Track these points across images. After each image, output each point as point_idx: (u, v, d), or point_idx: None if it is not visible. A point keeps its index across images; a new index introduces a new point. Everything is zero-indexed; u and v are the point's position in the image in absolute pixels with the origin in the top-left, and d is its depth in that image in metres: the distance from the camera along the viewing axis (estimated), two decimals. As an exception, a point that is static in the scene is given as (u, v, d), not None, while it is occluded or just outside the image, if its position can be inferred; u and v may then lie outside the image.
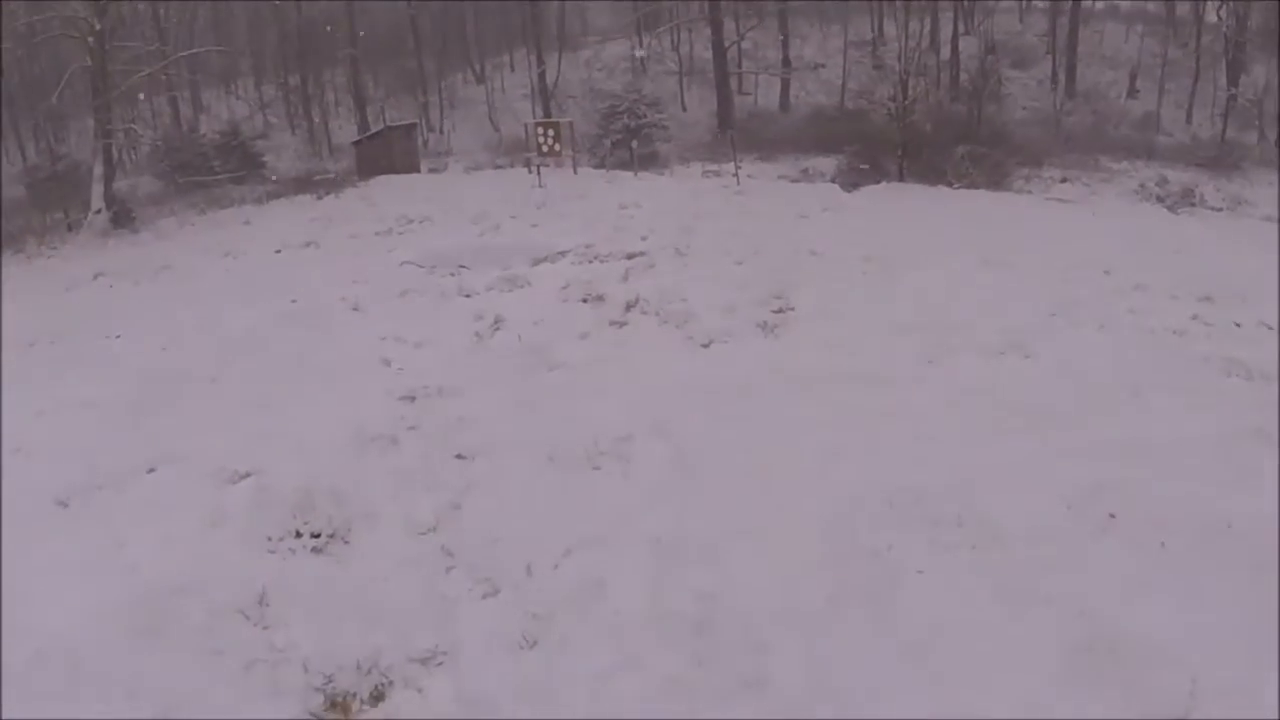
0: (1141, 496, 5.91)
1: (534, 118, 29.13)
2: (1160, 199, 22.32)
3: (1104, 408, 7.47)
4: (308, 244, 16.60)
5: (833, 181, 23.07)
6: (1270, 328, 9.76)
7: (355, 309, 11.41)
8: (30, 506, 6.76)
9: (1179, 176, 25.23)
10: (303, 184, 25.61)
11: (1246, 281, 11.82)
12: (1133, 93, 36.12)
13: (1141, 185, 24.34)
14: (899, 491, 6.08)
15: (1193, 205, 21.59)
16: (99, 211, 22.64)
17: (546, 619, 5.13)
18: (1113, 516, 5.75)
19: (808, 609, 5.05)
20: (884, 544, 5.56)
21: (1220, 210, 22.42)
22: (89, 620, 5.30)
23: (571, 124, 26.07)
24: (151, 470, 7.27)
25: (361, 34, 38.58)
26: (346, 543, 6.09)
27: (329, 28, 38.88)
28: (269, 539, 6.12)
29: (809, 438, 7.01)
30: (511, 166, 27.10)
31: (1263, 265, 13.29)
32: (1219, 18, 35.46)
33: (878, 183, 21.98)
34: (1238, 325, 9.90)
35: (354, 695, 4.66)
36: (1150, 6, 39.92)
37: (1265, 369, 8.31)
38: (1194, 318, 10.00)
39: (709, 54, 36.05)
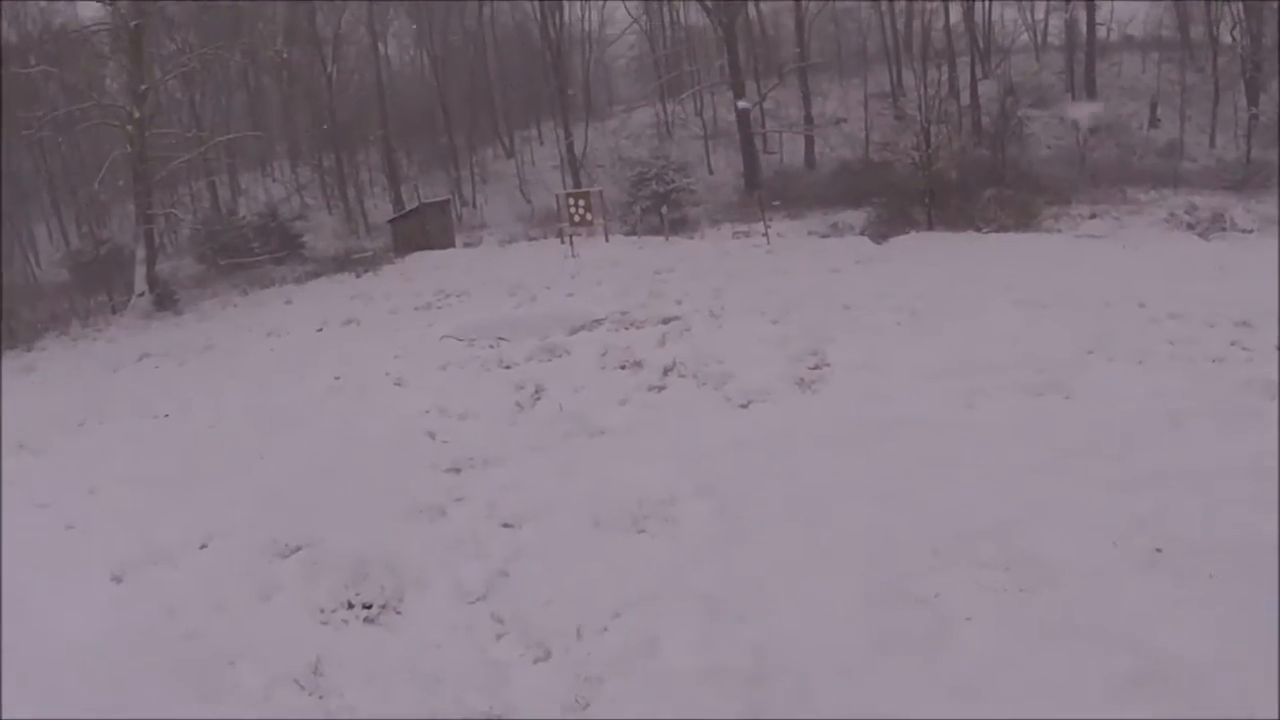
0: (1187, 527, 5.94)
1: (564, 188, 29.42)
2: (1190, 226, 22.12)
3: (1145, 441, 7.46)
4: (348, 321, 16.87)
5: (862, 234, 23.16)
6: None
7: (398, 383, 11.59)
8: (85, 581, 6.95)
9: (1207, 201, 24.97)
10: (341, 263, 26.03)
11: None
12: (1154, 122, 35.88)
13: (1171, 214, 24.11)
14: (944, 537, 6.13)
15: (1224, 230, 21.35)
16: (142, 294, 23.22)
17: (598, 681, 5.20)
18: (1159, 551, 5.77)
19: (857, 658, 5.10)
20: (931, 592, 5.60)
21: (1252, 232, 22.11)
22: (146, 694, 5.46)
23: (601, 193, 26.42)
24: (204, 546, 7.43)
25: (392, 114, 39.30)
26: (398, 612, 6.21)
27: (361, 108, 39.70)
28: (321, 610, 6.26)
29: (851, 489, 7.07)
30: (545, 238, 27.39)
31: None
32: (1233, 38, 35.30)
33: (906, 233, 21.98)
34: (1279, 348, 9.88)
35: (410, 761, 4.73)
36: (1165, 34, 39.84)
37: None
38: (1232, 344, 9.95)
39: (733, 116, 36.39)
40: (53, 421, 11.94)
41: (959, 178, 23.76)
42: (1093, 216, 24.70)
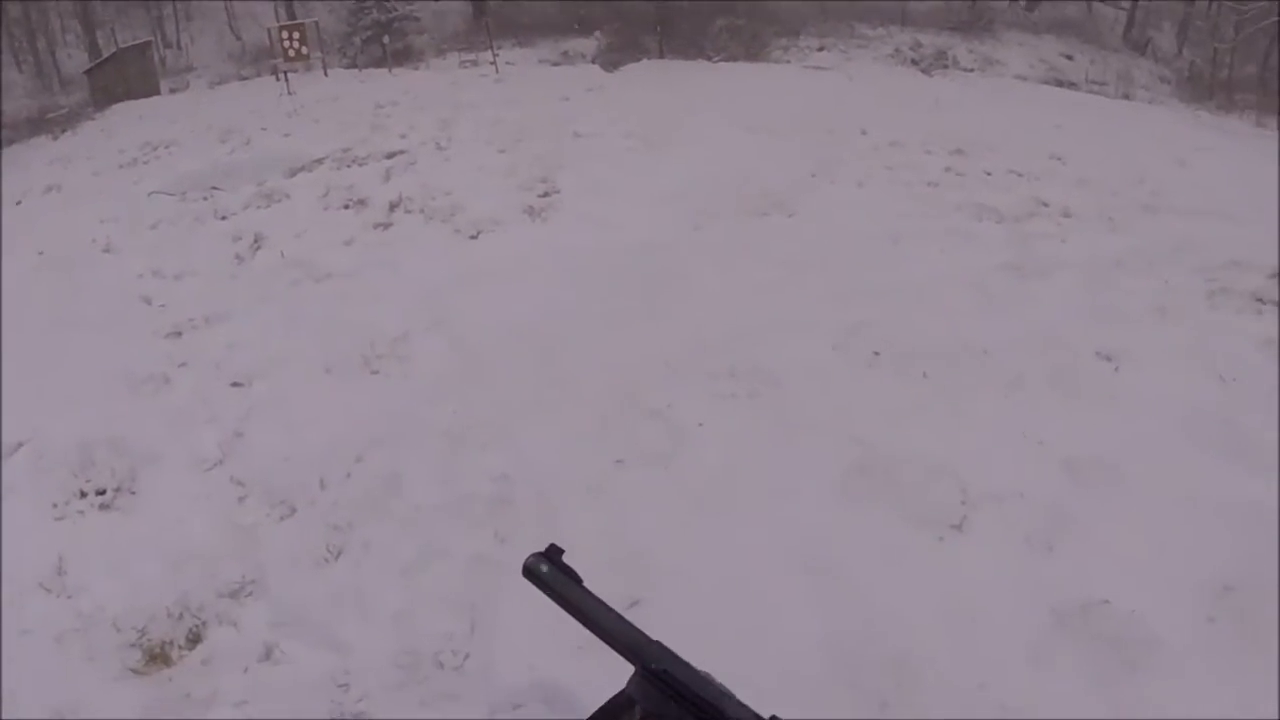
0: (903, 332, 6.43)
1: (276, 21, 27.70)
2: (915, 62, 23.05)
3: (864, 257, 7.97)
4: (49, 189, 15.53)
5: (593, 63, 22.96)
6: (1020, 175, 10.45)
7: (107, 250, 10.83)
8: None
9: (933, 40, 26.20)
10: (36, 124, 23.87)
11: (997, 135, 12.70)
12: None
13: (896, 50, 25.04)
14: (674, 353, 6.39)
15: (946, 67, 22.38)
16: None
17: (347, 528, 5.20)
18: (877, 354, 6.20)
19: (598, 475, 5.29)
20: (664, 403, 5.84)
21: (972, 71, 23.37)
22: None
23: (318, 24, 24.97)
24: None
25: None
26: (134, 493, 5.95)
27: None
28: (54, 505, 5.94)
29: (584, 313, 7.22)
30: (258, 76, 25.89)
31: (1012, 120, 14.18)
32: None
33: (638, 61, 22.00)
34: (988, 174, 10.59)
35: (171, 643, 4.62)
36: None
37: (1015, 212, 8.97)
38: (947, 169, 10.62)
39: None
40: None
41: (691, 6, 23.71)
42: (821, 49, 25.29)
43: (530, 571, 1.26)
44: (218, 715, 4.15)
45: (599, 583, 4.17)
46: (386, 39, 25.91)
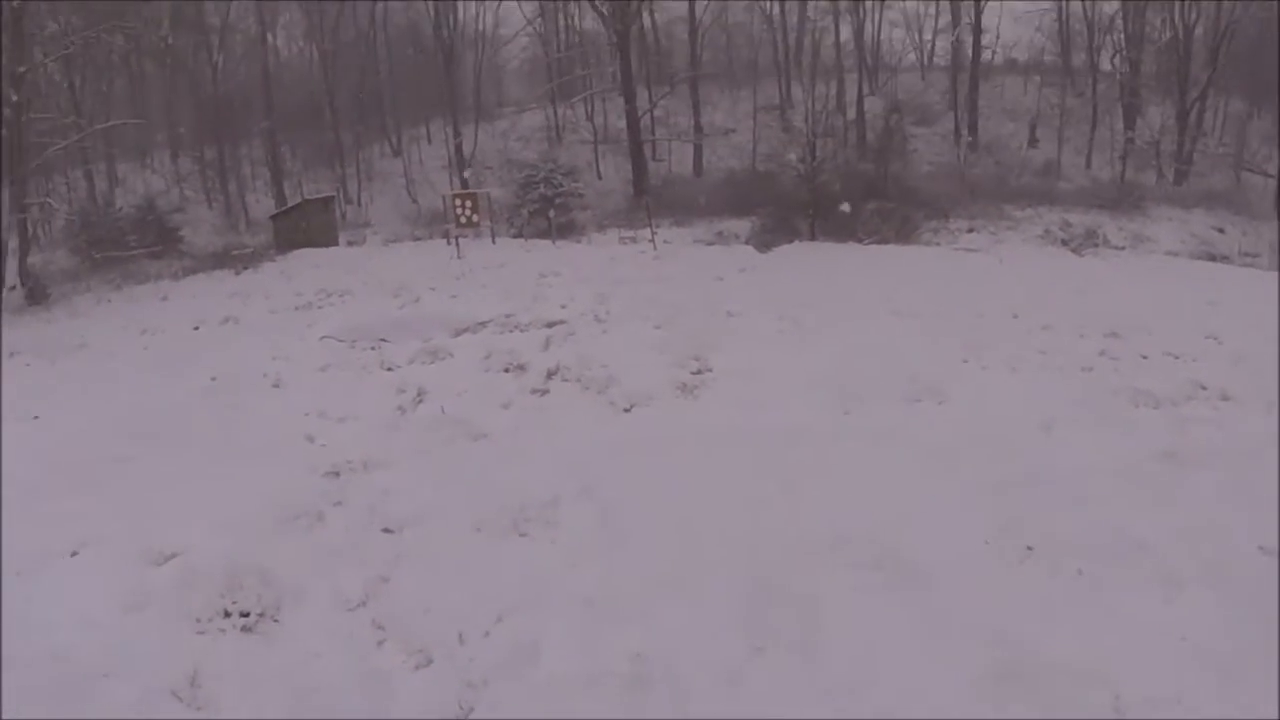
0: (1058, 526, 6.21)
1: (451, 189, 29.14)
2: (1065, 242, 22.83)
3: (1017, 445, 7.80)
4: (226, 320, 16.45)
5: (746, 243, 23.36)
6: (1175, 357, 10.25)
7: (276, 385, 11.36)
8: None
9: (1082, 219, 25.94)
10: (220, 259, 25.31)
11: (1150, 315, 12.43)
12: (1033, 142, 37.34)
13: (1046, 230, 24.91)
14: (819, 540, 6.30)
15: (1096, 246, 22.13)
16: (13, 288, 22.24)
17: (481, 686, 5.21)
18: (1030, 549, 6.01)
19: (735, 659, 5.21)
20: (806, 591, 5.74)
21: (1123, 249, 23.16)
22: (20, 711, 5.26)
23: (489, 194, 26.24)
24: (74, 554, 7.18)
25: (278, 107, 38.48)
26: (276, 620, 6.09)
27: (245, 100, 38.77)
28: (197, 620, 6.10)
29: (732, 493, 7.21)
30: (430, 238, 27.09)
31: (1165, 298, 13.92)
32: (1113, 65, 37.18)
33: (791, 242, 22.32)
34: (1144, 357, 10.39)
35: (288, 773, 4.66)
36: (1047, 59, 41.39)
37: (1173, 396, 8.73)
38: (1101, 353, 10.46)
39: (623, 122, 36.49)
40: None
41: (843, 190, 24.15)
42: (970, 231, 25.43)
43: None
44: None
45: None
46: (552, 212, 26.96)
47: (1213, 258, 22.79)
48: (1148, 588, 5.57)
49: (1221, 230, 26.89)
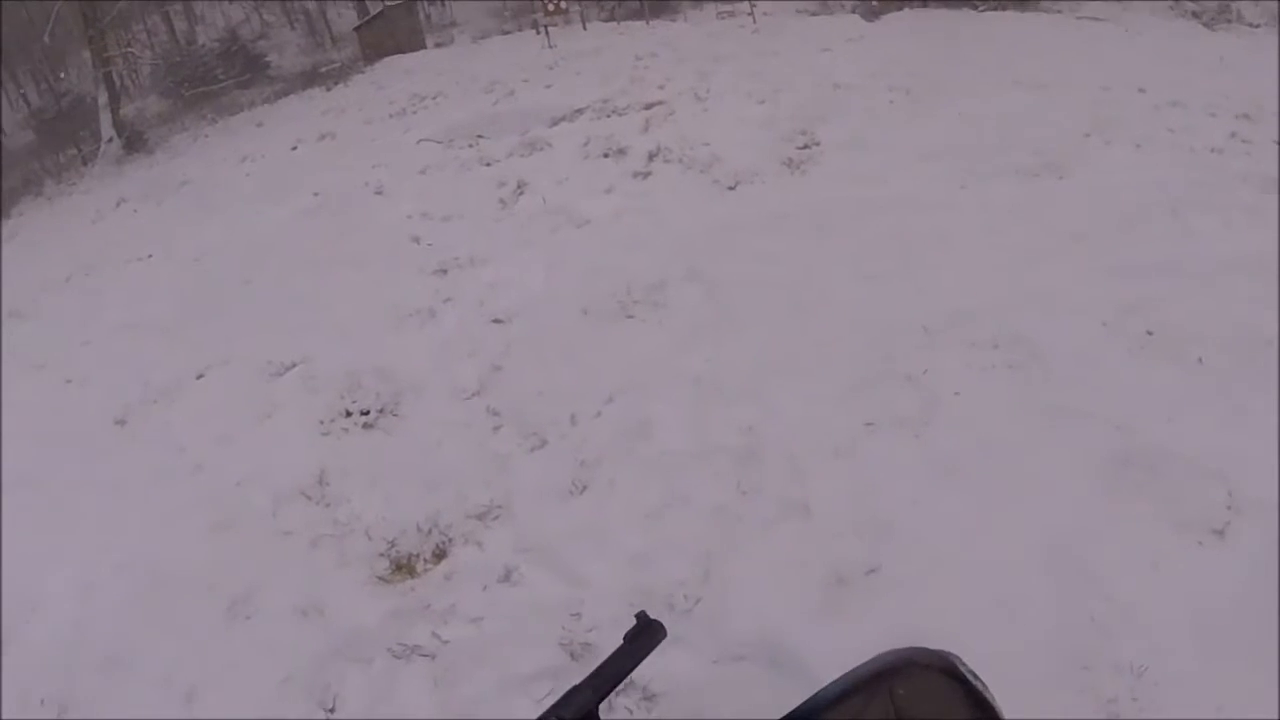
0: (1179, 314, 5.80)
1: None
2: (1196, 15, 21.16)
3: (1141, 228, 7.27)
4: (323, 136, 16.50)
5: (853, 11, 22.29)
6: None
7: (378, 193, 11.40)
8: (91, 429, 7.01)
9: None
10: (309, 78, 25.32)
11: None
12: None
13: (1176, 1, 23.29)
14: (934, 317, 6.07)
15: (1229, 21, 20.50)
16: (110, 140, 22.62)
17: (594, 464, 5.24)
18: (1150, 334, 5.69)
19: (845, 437, 5.09)
20: (919, 369, 5.57)
21: (1258, 26, 21.41)
22: (165, 525, 5.55)
23: (578, -23, 25.44)
24: (200, 376, 7.44)
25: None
26: (396, 415, 6.24)
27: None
28: (321, 422, 6.29)
29: (842, 270, 6.99)
30: (520, 30, 26.55)
31: None
32: None
33: (900, 9, 21.24)
34: (1277, 143, 9.59)
35: (418, 556, 4.81)
36: None
37: None
38: (1232, 135, 9.61)
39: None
40: (39, 283, 11.94)
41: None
42: None
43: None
44: (454, 628, 4.28)
45: (840, 543, 3.98)
46: (645, -10, 26.08)
47: (1365, 41, 20.85)
48: (1270, 385, 5.19)
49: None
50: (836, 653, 1.18)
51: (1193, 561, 3.99)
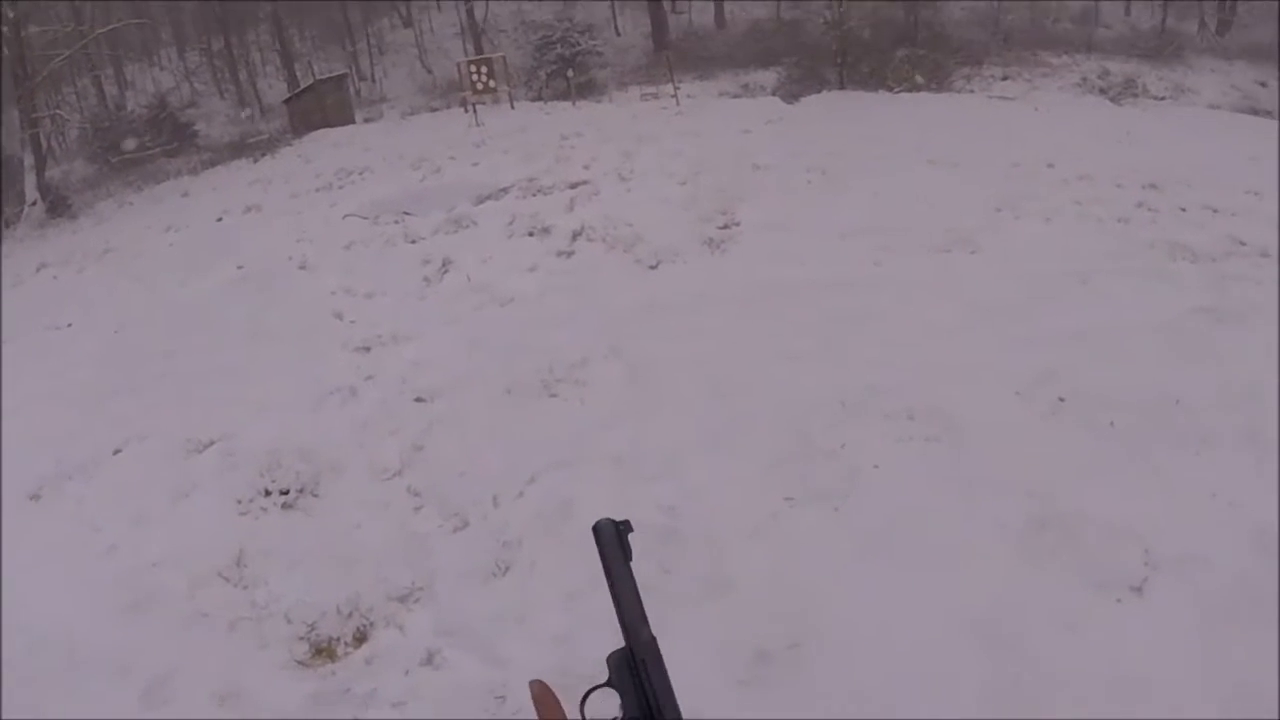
0: (1090, 380, 6.06)
1: (465, 56, 28.66)
2: (1103, 91, 22.23)
3: (1051, 297, 7.57)
4: (249, 208, 16.43)
5: (773, 95, 22.93)
6: (1215, 211, 9.91)
7: (302, 267, 11.37)
8: (3, 504, 6.81)
9: (1120, 68, 25.10)
10: (237, 149, 25.31)
11: (1190, 168, 12.03)
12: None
13: (1083, 78, 24.13)
14: (852, 392, 6.20)
15: (1135, 95, 21.53)
16: (34, 203, 22.33)
17: (516, 545, 5.25)
18: (1062, 400, 5.91)
19: (766, 513, 5.17)
20: (838, 443, 5.69)
21: (1163, 99, 22.42)
22: (78, 605, 5.41)
23: (504, 59, 25.85)
24: (118, 451, 7.32)
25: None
26: (316, 495, 6.19)
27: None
28: (239, 501, 6.21)
29: (762, 348, 7.13)
30: (448, 108, 26.83)
31: (1205, 152, 13.48)
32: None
33: (819, 92, 21.88)
34: (1183, 210, 10.03)
35: (338, 639, 4.78)
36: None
37: (1211, 251, 8.47)
38: (1139, 205, 10.11)
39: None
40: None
41: (871, 37, 23.52)
42: (1005, 79, 24.78)
43: (599, 530, 1.27)
44: (376, 713, 4.25)
45: (762, 619, 4.07)
46: (570, 73, 26.52)
47: (1255, 112, 21.84)
48: (1182, 444, 5.42)
49: (1264, 84, 25.62)
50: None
51: (1112, 619, 4.14)
